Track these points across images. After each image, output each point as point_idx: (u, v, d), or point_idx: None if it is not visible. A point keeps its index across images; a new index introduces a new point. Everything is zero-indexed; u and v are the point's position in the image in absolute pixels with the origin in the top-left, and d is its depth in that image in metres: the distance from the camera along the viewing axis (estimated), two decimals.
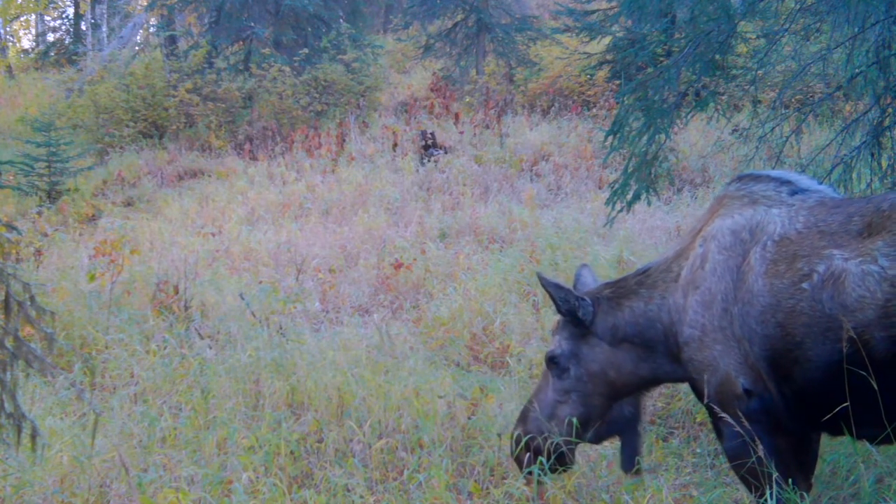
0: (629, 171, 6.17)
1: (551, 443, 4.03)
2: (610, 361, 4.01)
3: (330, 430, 4.66)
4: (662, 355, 3.95)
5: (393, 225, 10.28)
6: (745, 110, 11.75)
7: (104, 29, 25.12)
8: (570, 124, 14.87)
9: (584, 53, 15.65)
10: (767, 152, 6.70)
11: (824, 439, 3.93)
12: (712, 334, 3.64)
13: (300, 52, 17.29)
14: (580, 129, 14.43)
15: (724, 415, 3.60)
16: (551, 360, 4.09)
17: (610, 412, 4.09)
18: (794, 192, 3.73)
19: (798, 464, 3.70)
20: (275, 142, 15.10)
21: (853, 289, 3.26)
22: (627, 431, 4.18)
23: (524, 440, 4.11)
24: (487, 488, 4.38)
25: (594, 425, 4.08)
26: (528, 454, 4.11)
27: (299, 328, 6.48)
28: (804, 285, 3.36)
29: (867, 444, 3.73)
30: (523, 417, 4.21)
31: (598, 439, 4.19)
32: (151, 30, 25.29)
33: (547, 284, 4.01)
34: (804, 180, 3.85)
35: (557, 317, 4.17)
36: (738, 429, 3.56)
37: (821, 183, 3.95)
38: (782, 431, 3.62)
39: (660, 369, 3.99)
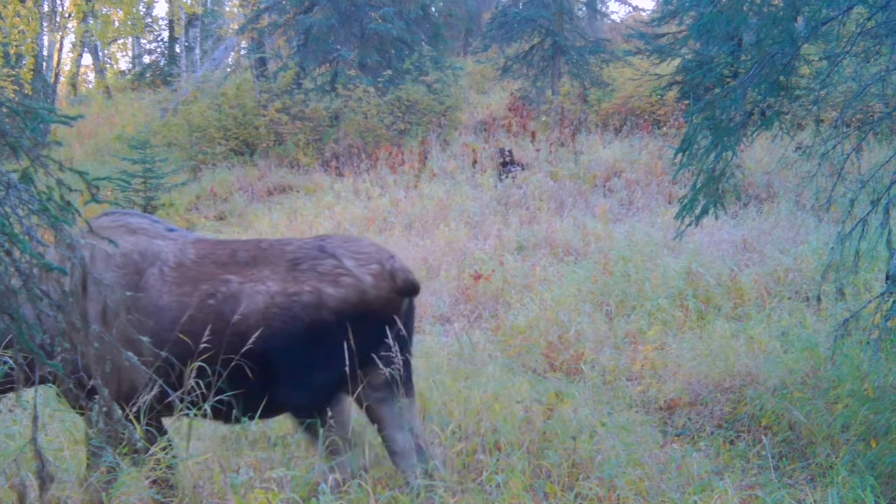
0: (697, 186, 6.21)
1: None
2: None
3: None
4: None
5: (473, 238, 10.51)
6: (808, 129, 11.79)
7: (197, 51, 25.46)
8: (641, 142, 15.00)
9: (655, 75, 15.66)
10: (829, 168, 6.80)
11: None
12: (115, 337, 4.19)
13: (384, 73, 17.50)
14: (651, 147, 14.57)
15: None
16: None
17: None
18: (169, 230, 4.68)
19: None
20: (360, 159, 15.34)
21: (247, 304, 4.27)
22: None
23: None
24: (563, 489, 4.51)
25: None
26: None
27: None
28: (210, 301, 4.31)
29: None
30: None
31: None
32: (242, 52, 25.78)
33: None
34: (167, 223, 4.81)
35: None
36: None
37: None
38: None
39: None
